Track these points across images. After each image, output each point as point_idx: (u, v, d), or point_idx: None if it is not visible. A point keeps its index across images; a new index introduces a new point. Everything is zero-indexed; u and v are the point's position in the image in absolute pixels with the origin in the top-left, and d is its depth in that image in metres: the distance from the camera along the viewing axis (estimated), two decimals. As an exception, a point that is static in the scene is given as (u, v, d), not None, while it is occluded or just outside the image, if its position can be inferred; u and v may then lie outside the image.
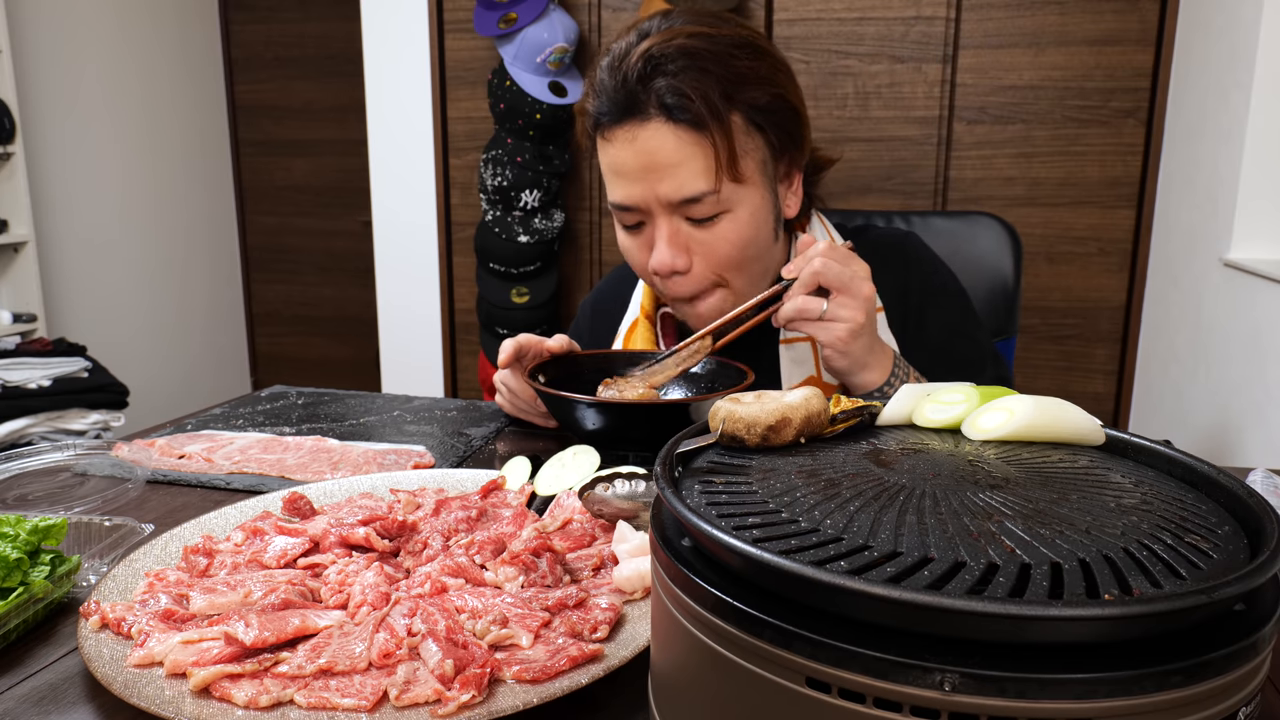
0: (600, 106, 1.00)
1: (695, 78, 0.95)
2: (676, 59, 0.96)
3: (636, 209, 1.02)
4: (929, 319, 1.14)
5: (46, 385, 2.68)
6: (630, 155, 0.99)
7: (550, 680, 0.55)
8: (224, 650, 0.57)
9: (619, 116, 0.98)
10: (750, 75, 0.98)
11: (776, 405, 0.52)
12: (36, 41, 3.25)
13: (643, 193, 1.00)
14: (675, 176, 0.98)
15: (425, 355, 3.06)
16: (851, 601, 0.36)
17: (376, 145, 2.94)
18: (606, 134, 1.01)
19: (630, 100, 0.97)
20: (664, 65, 0.96)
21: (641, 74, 0.96)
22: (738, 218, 1.01)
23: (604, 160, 1.03)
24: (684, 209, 1.00)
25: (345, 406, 1.26)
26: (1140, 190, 2.52)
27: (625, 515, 0.73)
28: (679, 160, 0.97)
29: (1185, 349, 2.24)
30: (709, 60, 0.96)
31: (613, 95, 0.98)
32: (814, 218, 1.17)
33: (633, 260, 1.09)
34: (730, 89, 0.97)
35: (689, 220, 1.01)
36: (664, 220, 1.01)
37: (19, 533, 0.67)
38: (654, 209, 1.01)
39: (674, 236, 1.01)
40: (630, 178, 1.00)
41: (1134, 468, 0.50)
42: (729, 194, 1.00)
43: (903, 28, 2.55)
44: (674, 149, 0.97)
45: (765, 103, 1.00)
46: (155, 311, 3.86)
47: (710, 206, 0.99)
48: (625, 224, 1.06)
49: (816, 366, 1.11)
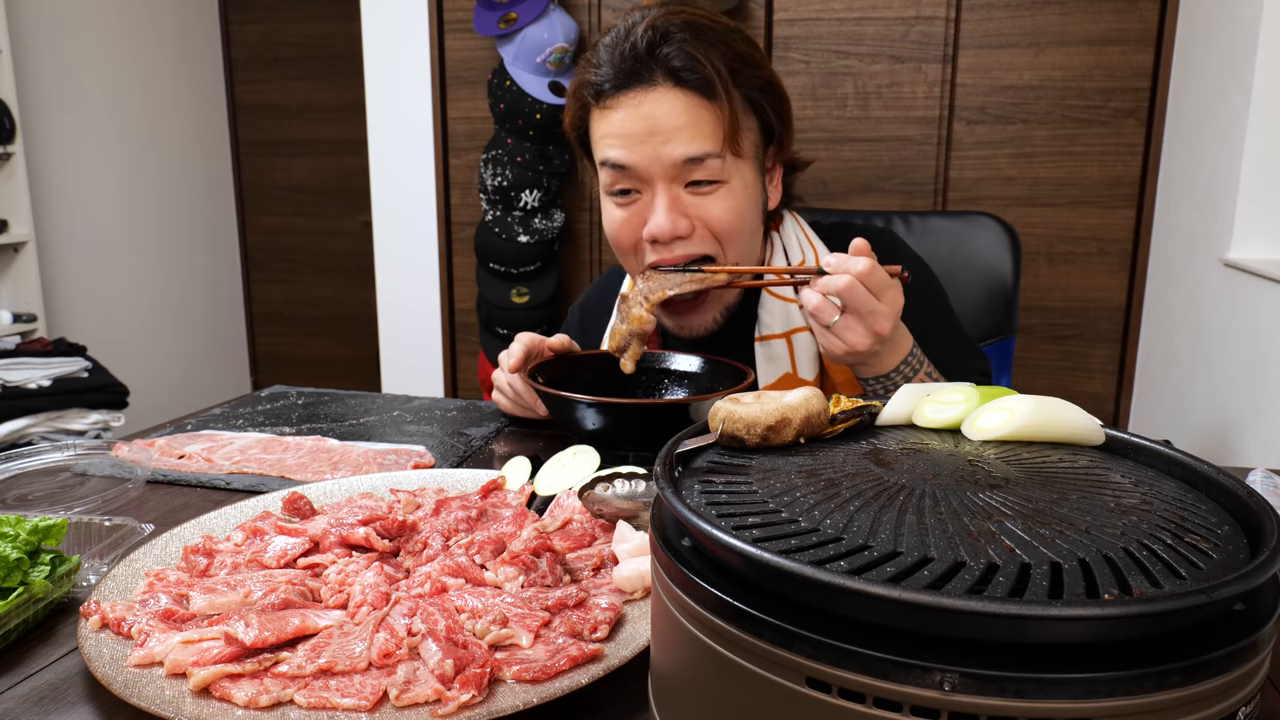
0: (602, 76, 1.00)
1: (703, 47, 0.98)
2: (684, 29, 0.98)
3: (633, 172, 1.01)
4: (909, 310, 1.13)
5: (46, 385, 2.67)
6: (635, 119, 0.99)
7: (550, 680, 0.55)
8: (224, 650, 0.57)
9: (623, 83, 0.99)
10: (747, 57, 1.02)
11: (776, 405, 0.52)
12: (36, 41, 3.25)
13: (644, 156, 1.00)
14: (680, 138, 0.98)
15: (425, 355, 3.06)
16: (851, 601, 0.36)
17: (376, 145, 2.94)
18: (608, 101, 1.01)
19: (636, 68, 0.99)
20: (671, 35, 0.98)
21: (650, 42, 0.98)
22: (733, 189, 1.02)
23: (602, 128, 1.03)
24: (685, 172, 1.00)
25: (345, 406, 1.26)
26: (1140, 190, 2.52)
27: (625, 515, 0.73)
28: (685, 123, 0.98)
29: (1185, 349, 2.24)
30: (714, 36, 1.00)
31: (617, 65, 0.99)
32: (789, 219, 1.17)
33: (619, 235, 1.06)
34: (733, 64, 1.00)
35: (687, 188, 1.01)
36: (663, 187, 1.01)
37: (19, 533, 0.67)
38: (653, 175, 1.01)
39: (673, 203, 1.01)
40: (632, 140, 1.00)
41: (1134, 468, 0.50)
42: (729, 164, 1.01)
43: (903, 28, 2.54)
44: (681, 111, 0.98)
45: (761, 85, 1.03)
46: (155, 311, 3.86)
47: (712, 170, 1.00)
48: (617, 188, 1.04)
49: (793, 364, 1.11)
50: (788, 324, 1.11)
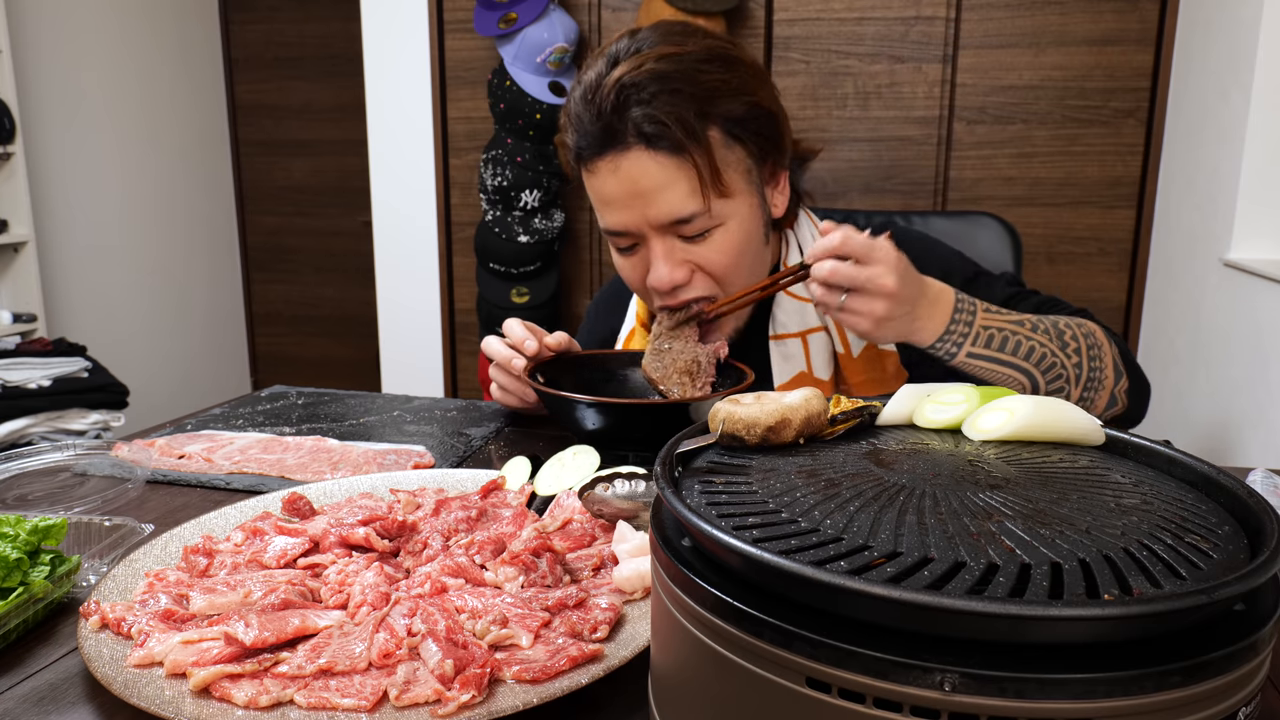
0: (580, 140, 1.01)
1: (668, 101, 0.96)
2: (648, 85, 0.96)
3: (629, 233, 1.03)
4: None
5: (46, 385, 2.67)
6: (615, 184, 1.00)
7: (550, 680, 0.55)
8: (224, 650, 0.57)
9: (599, 149, 0.99)
10: (722, 88, 0.99)
11: (776, 406, 0.52)
12: (36, 41, 3.25)
13: (633, 218, 1.01)
14: (662, 200, 0.99)
15: (425, 355, 3.06)
16: (851, 601, 0.36)
17: (376, 145, 2.94)
18: (589, 166, 1.02)
19: (608, 131, 0.98)
20: (637, 93, 0.96)
21: (615, 105, 0.96)
22: (729, 230, 1.03)
23: (591, 190, 1.05)
24: (676, 229, 1.01)
25: (345, 406, 1.26)
26: (1140, 190, 2.52)
27: (625, 515, 0.73)
28: (663, 184, 0.98)
29: (1185, 349, 2.24)
30: (680, 80, 0.96)
31: (590, 128, 0.99)
32: (801, 215, 1.16)
33: (629, 279, 1.10)
34: (705, 106, 0.97)
35: (682, 238, 1.02)
36: (658, 241, 1.02)
37: (19, 533, 0.67)
38: (646, 231, 1.02)
39: (670, 254, 1.02)
40: (619, 205, 1.01)
41: (1134, 468, 0.50)
42: (718, 209, 1.01)
43: (903, 28, 2.55)
44: (657, 174, 0.98)
45: (741, 113, 1.00)
46: (155, 311, 3.86)
47: (701, 224, 1.01)
48: (620, 247, 1.07)
49: (808, 363, 1.11)
50: (803, 323, 1.11)
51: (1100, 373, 0.98)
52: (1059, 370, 0.95)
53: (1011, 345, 0.94)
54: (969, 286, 1.06)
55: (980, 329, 0.94)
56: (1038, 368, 0.95)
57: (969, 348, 0.93)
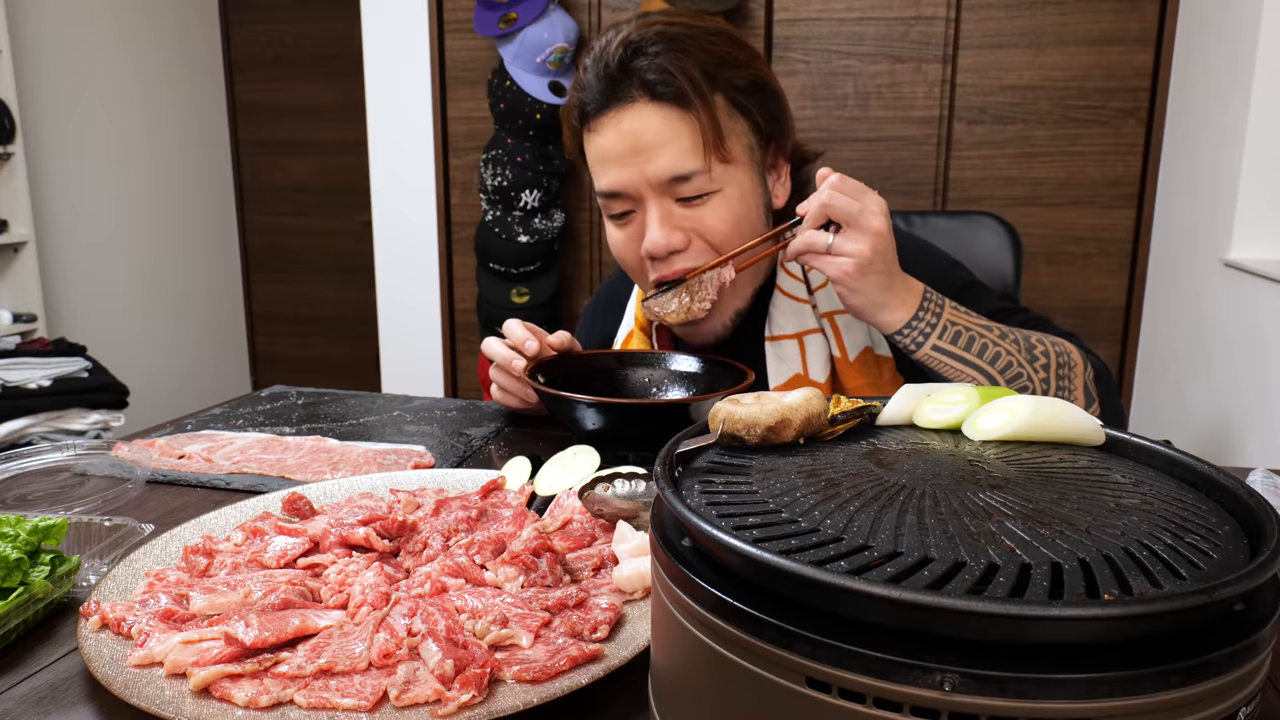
0: (585, 97, 1.01)
1: (676, 57, 0.97)
2: (656, 42, 0.98)
3: (625, 194, 1.02)
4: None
5: (46, 385, 2.68)
6: (617, 138, 0.99)
7: (550, 680, 0.55)
8: (224, 650, 0.57)
9: (604, 103, 1.00)
10: (729, 58, 1.00)
11: (776, 406, 0.52)
12: (36, 41, 3.25)
13: (631, 176, 1.00)
14: (663, 155, 0.98)
15: (425, 355, 3.06)
16: (851, 601, 0.36)
17: (376, 145, 2.94)
18: (593, 123, 1.02)
19: (613, 86, 0.99)
20: (644, 48, 0.98)
21: (623, 59, 0.98)
22: (728, 197, 1.02)
23: (591, 151, 1.04)
24: (674, 188, 1.00)
25: (345, 406, 1.26)
26: (1140, 190, 2.52)
27: (625, 515, 0.73)
28: (665, 139, 0.98)
29: (1185, 349, 2.24)
30: (688, 43, 0.98)
31: (596, 84, 1.00)
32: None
33: (623, 254, 1.08)
34: (711, 69, 0.99)
35: (679, 202, 1.01)
36: (654, 203, 1.01)
37: (19, 533, 0.67)
38: (644, 192, 1.01)
39: (666, 217, 1.01)
40: (618, 162, 1.00)
41: (1134, 468, 0.49)
42: (718, 174, 1.00)
43: (903, 28, 2.55)
44: (660, 126, 0.98)
45: (746, 84, 1.01)
46: (155, 311, 3.86)
47: (700, 185, 1.00)
48: (614, 213, 1.05)
49: (803, 365, 1.10)
50: (800, 325, 1.11)
51: (1069, 394, 0.97)
52: (1024, 381, 0.94)
53: (977, 347, 0.94)
54: (961, 294, 1.06)
55: (948, 323, 0.94)
56: (1002, 374, 0.94)
57: (935, 340, 0.93)
